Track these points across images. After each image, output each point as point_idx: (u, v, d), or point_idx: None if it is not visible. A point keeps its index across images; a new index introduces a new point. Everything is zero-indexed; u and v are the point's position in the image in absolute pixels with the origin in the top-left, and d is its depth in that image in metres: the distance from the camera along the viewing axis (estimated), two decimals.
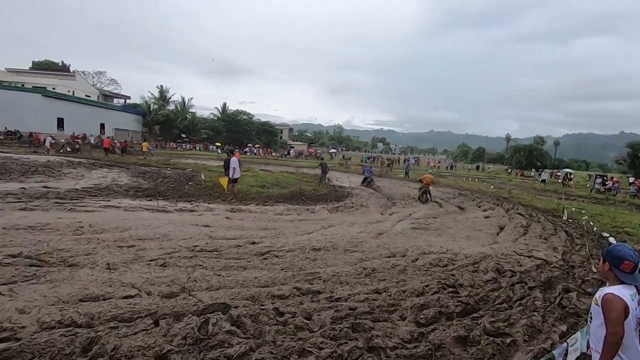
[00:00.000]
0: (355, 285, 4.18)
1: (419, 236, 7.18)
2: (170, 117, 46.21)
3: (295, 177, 17.08)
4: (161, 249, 4.96)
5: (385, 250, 5.81)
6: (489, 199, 14.15)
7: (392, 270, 4.78)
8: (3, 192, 8.10)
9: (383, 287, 4.09)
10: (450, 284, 4.31)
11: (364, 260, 5.19)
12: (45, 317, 2.82)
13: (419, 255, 5.57)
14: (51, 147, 22.25)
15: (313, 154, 52.00)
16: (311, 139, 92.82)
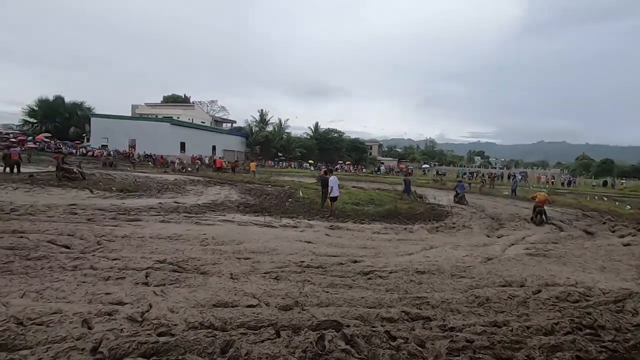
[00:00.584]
0: (468, 314, 3.90)
1: (538, 264, 6.36)
2: (269, 137, 50.42)
3: (389, 195, 16.84)
4: (272, 263, 5.39)
5: (499, 278, 5.29)
6: (626, 223, 11.80)
7: (510, 301, 4.33)
8: (147, 206, 9.83)
9: (502, 320, 3.73)
10: (588, 325, 3.70)
11: (475, 287, 4.82)
12: (190, 318, 3.30)
13: (540, 287, 4.93)
14: (177, 168, 26.33)
15: (404, 169, 50.64)
16: (401, 155, 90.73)
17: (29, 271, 4.40)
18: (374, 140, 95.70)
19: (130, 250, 5.66)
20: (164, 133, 38.03)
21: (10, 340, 2.78)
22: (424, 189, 22.32)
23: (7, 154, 16.49)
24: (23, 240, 5.68)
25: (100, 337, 2.86)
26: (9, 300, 3.49)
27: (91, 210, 8.63)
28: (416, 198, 15.97)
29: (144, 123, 40.83)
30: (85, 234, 6.33)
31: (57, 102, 44.09)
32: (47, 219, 7.43)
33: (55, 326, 3.02)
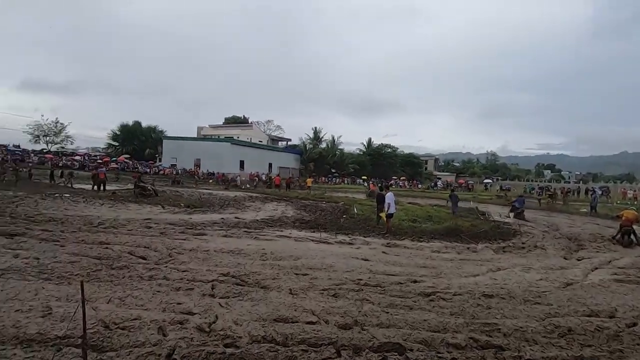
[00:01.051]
0: (547, 346, 3.51)
1: (631, 292, 5.56)
2: (322, 154, 51.32)
3: (447, 211, 16.04)
4: (330, 280, 5.38)
5: (582, 306, 4.72)
6: None
7: (598, 334, 3.82)
8: (211, 221, 10.46)
9: (589, 356, 3.30)
10: None
11: (554, 315, 4.34)
12: (253, 331, 3.40)
13: (636, 319, 4.29)
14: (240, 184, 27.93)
15: (463, 185, 48.06)
16: (459, 169, 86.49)
17: (113, 279, 4.89)
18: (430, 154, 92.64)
19: (197, 262, 6.04)
20: (225, 152, 40.56)
21: (99, 342, 3.09)
22: (487, 205, 20.92)
23: (96, 174, 18.75)
24: (108, 251, 6.35)
25: (174, 344, 3.06)
26: (97, 305, 3.89)
27: (163, 225, 9.40)
28: (478, 215, 15.02)
29: (207, 143, 44.01)
30: (159, 247, 6.90)
31: (135, 126, 49.46)
32: (127, 232, 8.24)
33: (136, 331, 3.30)
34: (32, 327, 3.26)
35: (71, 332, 3.16)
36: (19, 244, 6.52)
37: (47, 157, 34.96)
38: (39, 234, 7.31)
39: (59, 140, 44.38)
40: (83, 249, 6.44)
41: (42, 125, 42.95)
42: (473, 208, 17.54)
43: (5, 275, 4.79)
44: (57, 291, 4.31)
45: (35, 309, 3.70)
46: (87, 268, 5.28)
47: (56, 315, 3.55)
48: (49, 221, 8.91)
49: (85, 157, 39.29)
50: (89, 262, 5.62)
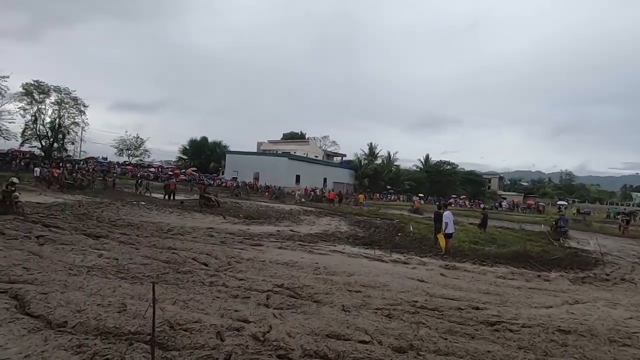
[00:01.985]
0: None
1: None
2: (377, 170, 50.72)
3: (514, 234, 14.79)
4: (384, 299, 5.21)
5: None
6: None
7: None
8: (267, 233, 10.82)
9: None
10: None
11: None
12: (306, 345, 3.40)
13: None
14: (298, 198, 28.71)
15: (532, 206, 44.08)
16: (528, 189, 79.65)
17: (179, 283, 5.26)
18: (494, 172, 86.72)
19: (253, 272, 6.25)
20: (282, 166, 42.01)
21: (165, 340, 3.31)
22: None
23: (167, 184, 20.54)
24: (175, 256, 6.86)
25: (230, 350, 3.18)
26: (164, 306, 4.19)
27: (224, 234, 9.93)
28: (551, 241, 13.60)
29: (266, 158, 46.05)
30: (219, 255, 7.29)
31: (203, 141, 53.53)
32: (192, 239, 8.84)
33: (196, 334, 3.49)
34: (109, 321, 3.61)
35: (142, 328, 3.44)
36: (102, 245, 7.33)
37: (128, 169, 39.19)
38: (119, 237, 8.15)
39: (138, 154, 49.59)
40: (154, 252, 7.03)
41: (126, 140, 48.42)
42: (545, 232, 15.97)
43: (91, 272, 5.39)
44: (131, 290, 4.74)
45: (112, 304, 4.11)
46: (157, 270, 5.75)
47: (130, 312, 3.89)
48: (127, 226, 9.90)
49: (158, 169, 43.34)
50: (158, 265, 6.12)
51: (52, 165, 26.36)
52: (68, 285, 4.68)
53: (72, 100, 35.51)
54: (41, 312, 3.74)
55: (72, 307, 3.90)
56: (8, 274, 4.94)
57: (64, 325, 3.51)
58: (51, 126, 34.94)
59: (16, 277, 4.84)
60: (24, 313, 3.77)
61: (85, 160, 38.80)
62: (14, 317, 3.65)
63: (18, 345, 3.09)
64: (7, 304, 3.95)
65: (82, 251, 6.62)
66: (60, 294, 4.26)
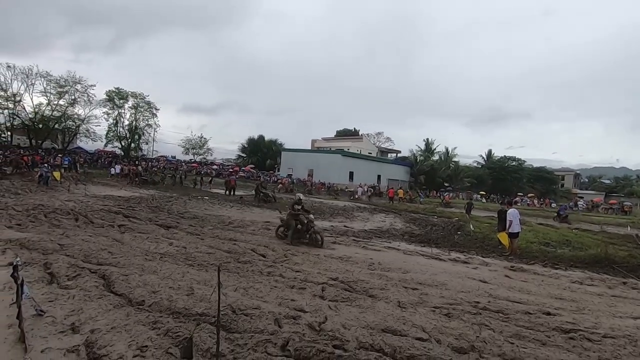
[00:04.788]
0: None
1: None
2: (434, 167, 48.67)
3: (594, 237, 13.26)
4: (442, 298, 5.01)
5: None
6: None
7: None
8: (321, 227, 10.96)
9: None
10: None
11: None
12: (361, 337, 3.40)
13: None
14: (361, 195, 28.72)
15: (616, 206, 39.06)
16: (611, 187, 70.89)
17: (239, 271, 5.56)
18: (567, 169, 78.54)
19: (308, 265, 6.39)
20: (336, 163, 42.16)
21: (227, 323, 3.53)
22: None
23: (228, 180, 21.76)
24: (235, 247, 7.25)
25: (288, 336, 3.29)
26: (227, 292, 4.45)
27: None
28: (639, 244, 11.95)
29: (319, 155, 46.55)
30: (276, 247, 7.55)
31: (260, 140, 55.75)
32: (251, 232, 9.28)
33: (256, 319, 3.66)
34: (180, 302, 3.94)
35: (208, 311, 3.70)
36: (172, 235, 8.00)
37: (193, 166, 42.22)
38: (186, 228, 8.83)
39: (202, 152, 53.13)
40: (217, 243, 7.51)
41: (191, 140, 52.15)
42: (631, 235, 14.08)
43: (163, 258, 5.92)
44: (198, 275, 5.12)
45: (182, 288, 4.47)
46: (220, 259, 6.13)
47: (197, 296, 4.20)
48: (193, 218, 10.69)
49: (220, 166, 46.09)
50: (221, 254, 6.53)
51: (130, 164, 29.35)
52: (145, 269, 5.19)
53: (146, 104, 39.07)
54: (123, 291, 4.20)
55: (149, 288, 4.32)
56: (97, 257, 5.63)
57: (142, 303, 3.91)
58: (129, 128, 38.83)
59: (103, 260, 5.49)
60: (109, 291, 4.27)
61: (156, 158, 42.62)
62: (102, 294, 4.15)
63: (106, 317, 3.51)
64: (96, 282, 4.50)
65: (155, 239, 7.29)
66: (139, 276, 4.74)
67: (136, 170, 24.76)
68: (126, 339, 3.08)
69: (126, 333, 3.17)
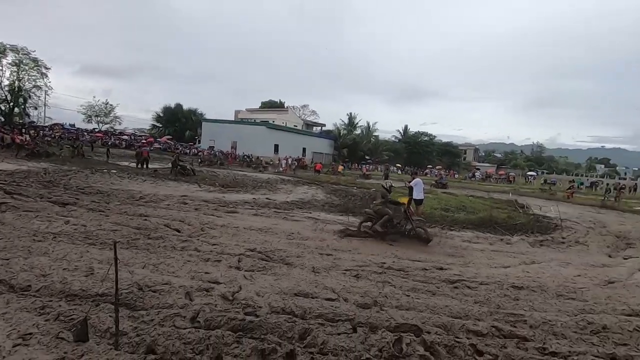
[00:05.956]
0: (577, 341, 3.34)
1: None
2: (356, 140, 50.77)
3: (484, 202, 15.42)
4: (353, 261, 5.41)
5: (622, 305, 4.41)
6: None
7: (637, 334, 3.57)
8: (243, 200, 10.80)
9: (623, 355, 3.10)
10: None
11: (588, 312, 4.10)
12: (274, 303, 3.52)
13: None
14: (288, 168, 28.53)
15: (503, 176, 45.78)
16: (501, 160, 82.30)
17: (150, 248, 5.23)
18: (470, 144, 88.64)
19: (227, 237, 6.29)
20: (260, 135, 41.25)
21: (132, 301, 3.34)
22: (527, 198, 19.84)
23: (139, 152, 19.86)
24: (146, 223, 6.77)
25: (199, 308, 3.25)
26: (133, 270, 4.19)
27: (198, 202, 9.84)
28: (517, 208, 14.31)
29: (243, 127, 44.96)
30: (193, 221, 7.25)
31: (177, 109, 51.56)
32: (165, 207, 8.72)
33: (165, 294, 3.53)
34: (76, 284, 3.59)
35: (109, 290, 3.43)
36: (69, 212, 7.12)
37: (97, 136, 37.44)
38: (87, 204, 7.93)
39: (108, 121, 47.30)
40: (125, 219, 6.91)
41: (94, 106, 45.91)
42: (512, 200, 16.75)
43: (57, 239, 5.26)
44: (100, 255, 4.68)
45: (79, 269, 4.06)
46: (127, 236, 5.68)
47: (97, 276, 3.86)
48: (97, 193, 9.62)
49: (131, 137, 41.67)
50: (129, 231, 6.04)
51: (15, 132, 24.78)
52: (32, 251, 4.57)
53: (32, 61, 32.91)
54: (2, 277, 3.66)
55: (37, 272, 3.83)
56: None
57: (27, 289, 3.46)
58: (10, 89, 32.50)
59: None
60: None
61: (50, 126, 36.68)
62: None
63: None
64: None
65: (47, 218, 6.42)
66: (24, 260, 4.16)
67: (23, 139, 21.10)
68: (4, 328, 2.72)
69: (4, 322, 2.80)
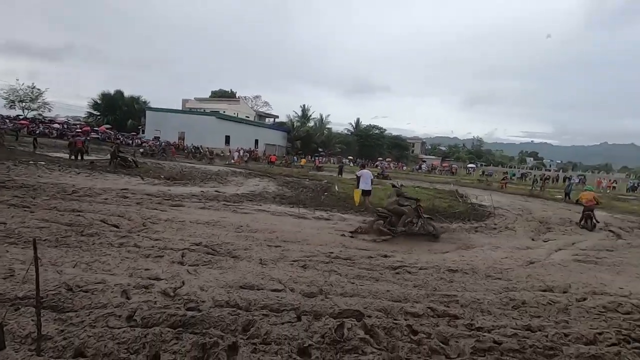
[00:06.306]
0: (499, 316, 3.71)
1: (587, 271, 5.86)
2: (309, 132, 50.89)
3: (428, 193, 16.33)
4: (302, 252, 5.47)
5: (539, 282, 4.96)
6: None
7: (549, 307, 4.04)
8: (190, 193, 10.39)
9: (537, 325, 3.50)
10: (638, 338, 3.37)
11: (511, 290, 4.55)
12: (217, 297, 3.46)
13: (586, 295, 4.55)
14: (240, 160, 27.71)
15: (447, 168, 48.80)
16: (445, 153, 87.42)
17: (82, 245, 4.85)
18: (418, 138, 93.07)
19: (171, 232, 6.03)
20: (210, 126, 39.75)
21: (60, 303, 3.10)
22: (467, 188, 21.38)
23: (73, 142, 18.18)
24: (80, 219, 6.26)
25: (136, 306, 3.10)
26: (63, 269, 3.88)
27: (140, 195, 9.28)
28: (457, 197, 15.37)
29: (192, 116, 43.00)
30: (133, 216, 6.84)
31: (117, 96, 47.78)
32: (102, 201, 8.11)
33: (99, 294, 3.31)
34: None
35: (31, 293, 3.15)
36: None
37: (22, 124, 33.55)
38: (9, 200, 7.13)
39: (35, 107, 42.60)
40: (54, 215, 6.33)
41: (18, 90, 41.03)
42: (453, 191, 17.94)
43: None
44: (23, 255, 4.26)
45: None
46: (57, 234, 5.21)
47: (18, 277, 3.52)
48: (21, 187, 8.67)
49: (64, 126, 37.87)
50: (58, 228, 5.55)
51: None
52: None
53: None
54: None
55: None
56: None
57: None
58: None
59: None
60: None
61: None
62: None
63: None
64: None
65: None
66: None
67: None
68: None
69: None
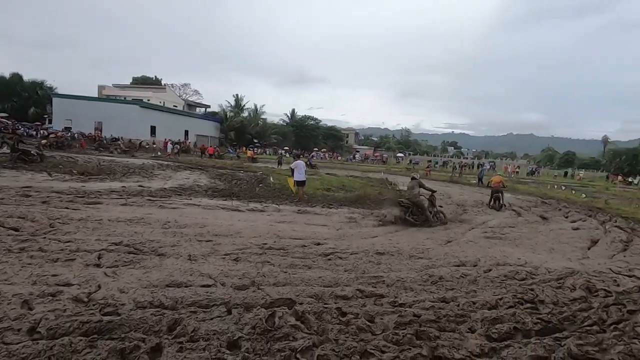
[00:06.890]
0: (420, 292, 4.05)
1: (493, 246, 6.67)
2: (244, 123, 49.44)
3: (361, 181, 17.04)
4: (234, 245, 5.35)
5: (454, 258, 5.52)
6: (579, 209, 12.55)
7: (462, 280, 4.52)
8: (109, 189, 9.47)
9: (451, 297, 3.90)
10: (529, 299, 3.94)
11: (430, 267, 5.00)
12: (140, 298, 3.24)
13: (492, 266, 5.18)
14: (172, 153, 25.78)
15: (379, 158, 51.35)
16: (377, 143, 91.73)
17: None
18: (351, 128, 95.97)
19: (85, 232, 5.45)
20: (132, 116, 36.44)
21: None
22: (396, 176, 22.74)
23: None
24: None
25: (40, 317, 2.76)
26: None
27: (46, 193, 8.20)
28: (387, 185, 16.29)
29: (111, 105, 38.92)
30: (38, 217, 6.03)
31: (15, 80, 41.27)
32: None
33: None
34: None
35: None
36: None
37: None
38: None
39: None
40: None
41: None
42: (383, 179, 18.96)
43: None
44: None
45: None
46: None
47: None
48: None
49: None
50: None
51: None
52: None
53: None
54: None
55: None
56: None
57: None
58: None
59: None
60: None
61: None
62: None
63: None
64: None
65: None
66: None
67: None
68: None
69: None
